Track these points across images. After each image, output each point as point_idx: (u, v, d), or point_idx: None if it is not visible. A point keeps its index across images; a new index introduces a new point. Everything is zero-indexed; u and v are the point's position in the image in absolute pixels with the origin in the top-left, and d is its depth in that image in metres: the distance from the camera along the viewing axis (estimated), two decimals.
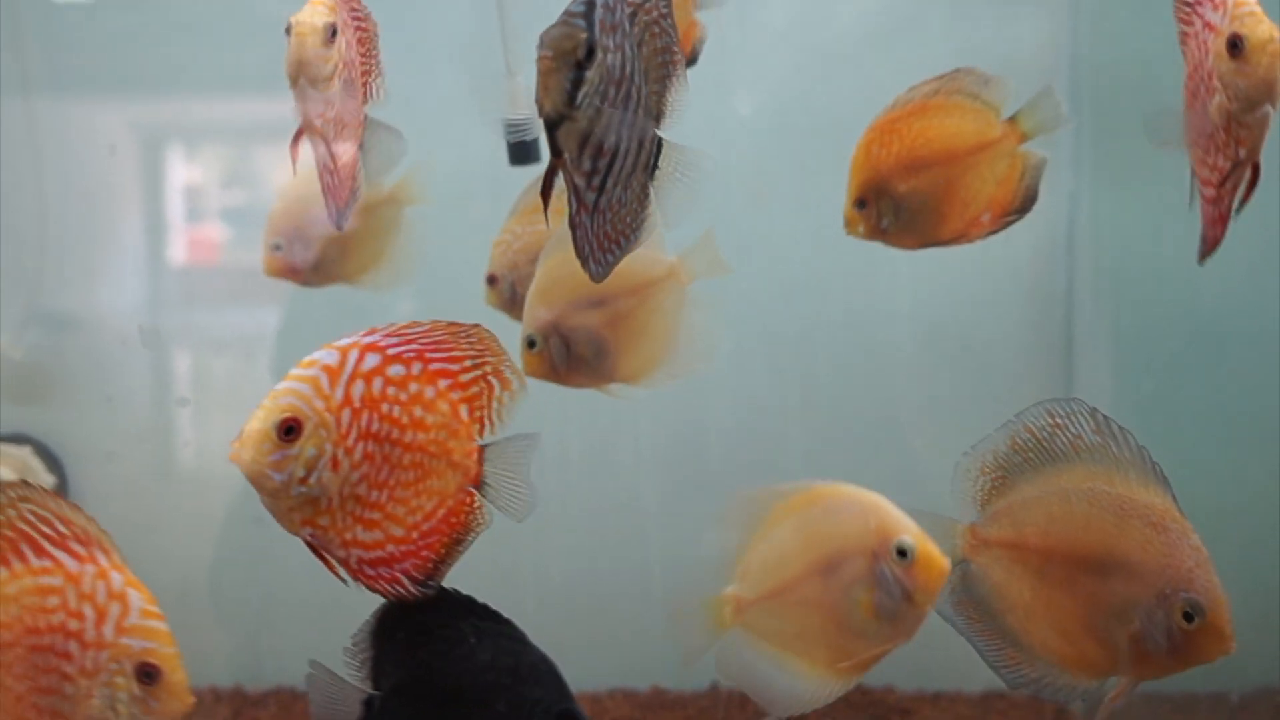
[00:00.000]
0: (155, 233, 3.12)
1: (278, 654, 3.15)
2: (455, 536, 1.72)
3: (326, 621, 3.27)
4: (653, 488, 3.15)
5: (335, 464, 1.61)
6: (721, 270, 2.15)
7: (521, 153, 2.31)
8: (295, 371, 1.62)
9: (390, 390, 1.65)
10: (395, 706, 1.73)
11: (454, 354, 1.70)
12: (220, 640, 3.10)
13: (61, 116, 3.04)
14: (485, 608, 1.76)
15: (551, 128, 1.47)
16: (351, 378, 1.63)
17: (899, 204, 2.11)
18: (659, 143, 1.64)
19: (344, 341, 1.64)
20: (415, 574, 1.70)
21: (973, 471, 1.91)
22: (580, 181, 1.54)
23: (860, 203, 2.13)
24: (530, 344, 2.09)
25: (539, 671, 1.72)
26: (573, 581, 3.15)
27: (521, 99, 2.26)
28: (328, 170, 1.91)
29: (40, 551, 1.60)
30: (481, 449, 1.71)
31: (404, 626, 1.74)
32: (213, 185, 3.38)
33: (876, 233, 2.14)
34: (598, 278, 1.68)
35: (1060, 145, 2.85)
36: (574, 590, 3.15)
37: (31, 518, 1.61)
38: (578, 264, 2.09)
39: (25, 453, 2.99)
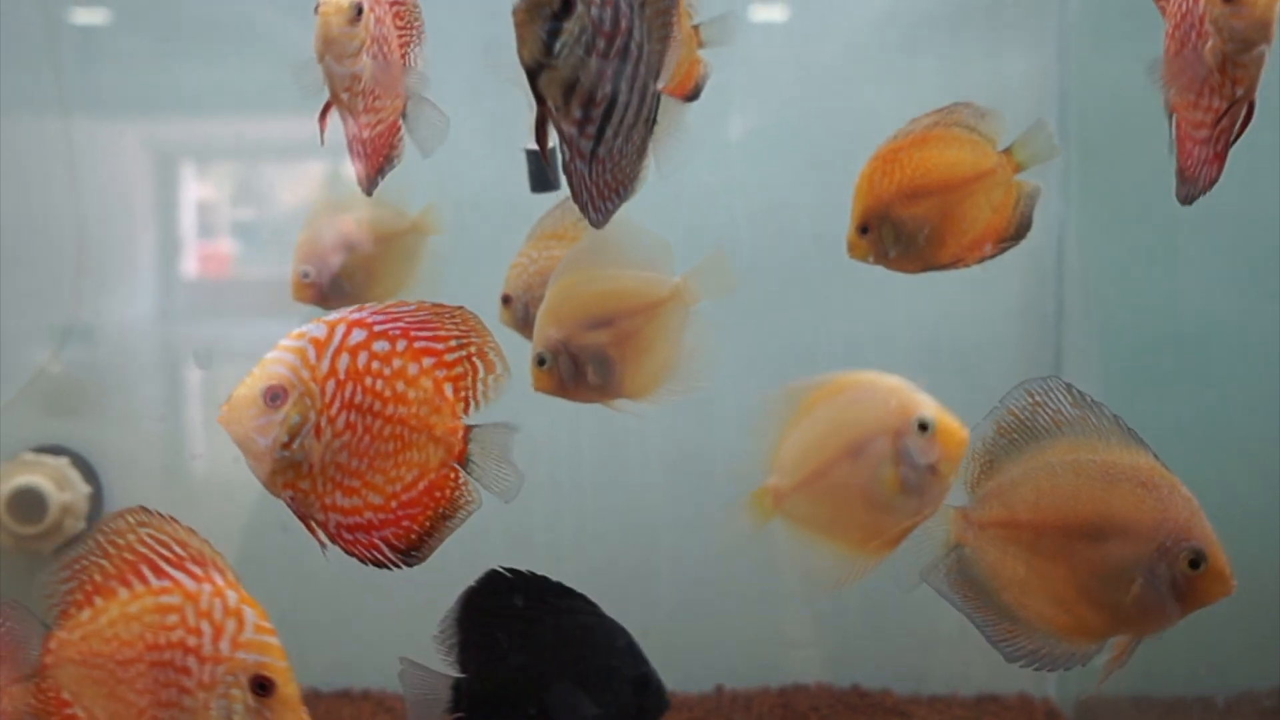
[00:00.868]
0: (170, 247, 3.19)
1: (303, 659, 3.19)
2: (440, 511, 1.77)
3: (351, 627, 3.36)
4: (661, 501, 3.22)
5: (318, 431, 1.67)
6: (727, 291, 2.20)
7: (542, 181, 2.37)
8: (284, 342, 1.69)
9: (375, 364, 1.70)
10: (482, 687, 1.83)
11: (439, 334, 1.75)
12: None
13: (85, 135, 3.11)
14: (561, 586, 1.88)
15: (531, 76, 1.52)
16: (338, 350, 1.68)
17: (900, 230, 2.16)
18: (658, 98, 1.68)
19: (332, 316, 1.71)
20: (396, 543, 1.75)
21: (964, 462, 1.94)
22: (571, 130, 1.58)
23: (863, 229, 2.17)
24: (540, 361, 2.14)
25: (615, 641, 1.80)
26: (584, 590, 3.22)
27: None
28: (357, 140, 1.96)
29: (159, 572, 1.67)
30: (468, 428, 1.76)
31: (486, 611, 1.83)
32: (224, 201, 3.44)
33: (878, 257, 2.19)
34: (598, 224, 1.70)
35: (1050, 174, 2.92)
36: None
37: (151, 541, 1.68)
38: (586, 286, 2.19)
39: (63, 463, 3.05)
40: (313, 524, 1.73)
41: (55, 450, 3.08)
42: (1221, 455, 2.74)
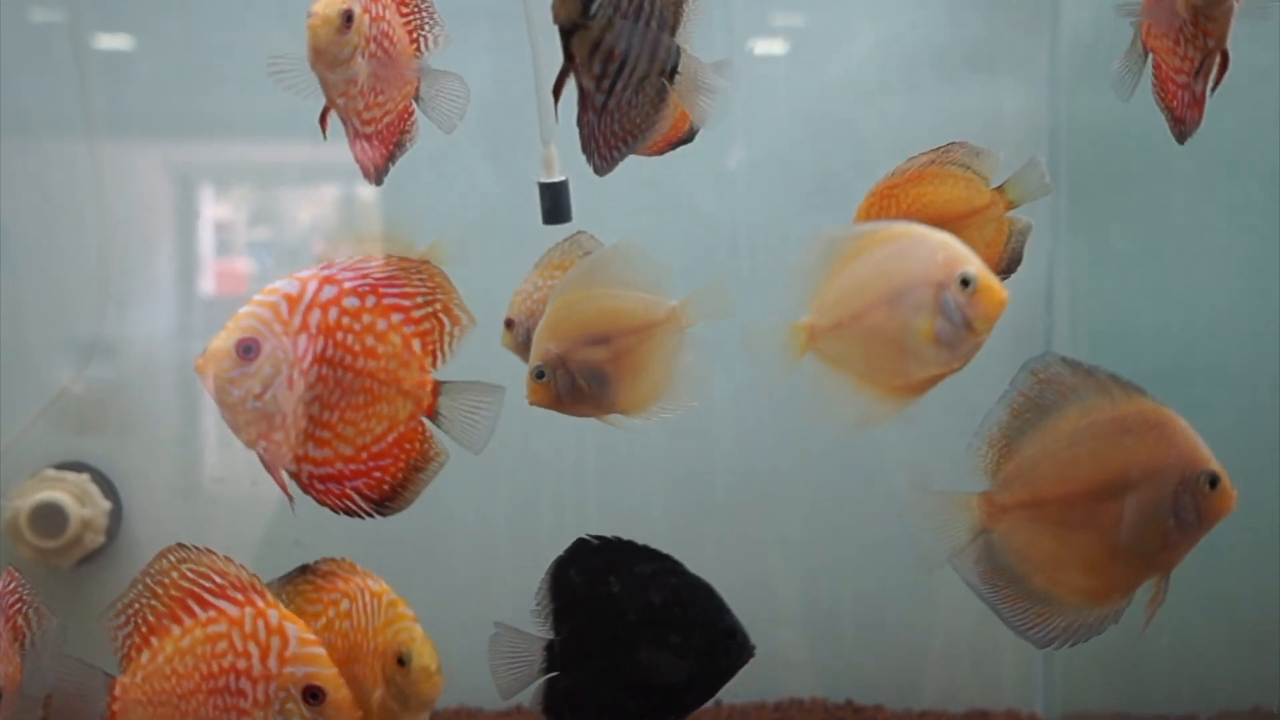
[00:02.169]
0: (189, 265, 3.25)
1: None
2: (412, 463, 1.82)
3: None
4: (662, 519, 3.28)
5: (290, 384, 1.72)
6: (723, 316, 2.23)
7: (555, 213, 2.43)
8: (258, 298, 1.75)
9: (345, 320, 1.75)
10: (574, 647, 1.92)
11: (406, 290, 1.80)
12: None
13: (110, 156, 3.18)
14: (647, 549, 1.95)
15: (565, 35, 1.58)
16: (309, 306, 1.73)
17: None
18: (678, 51, 1.71)
19: (304, 273, 1.77)
20: (368, 493, 1.80)
21: (981, 449, 1.98)
22: (589, 84, 1.64)
23: None
24: (539, 375, 2.17)
25: (700, 598, 1.87)
26: None
27: (555, 165, 2.42)
28: (358, 139, 1.94)
29: (204, 604, 1.74)
30: (437, 383, 1.82)
31: (577, 575, 1.93)
32: (241, 221, 3.51)
33: None
34: (601, 171, 1.76)
35: (1040, 208, 2.98)
36: None
37: (192, 575, 1.76)
38: (586, 304, 2.22)
39: (84, 479, 3.10)
40: (283, 476, 1.77)
41: (76, 467, 3.14)
42: None
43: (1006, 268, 2.23)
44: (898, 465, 3.22)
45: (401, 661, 1.81)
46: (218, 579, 1.74)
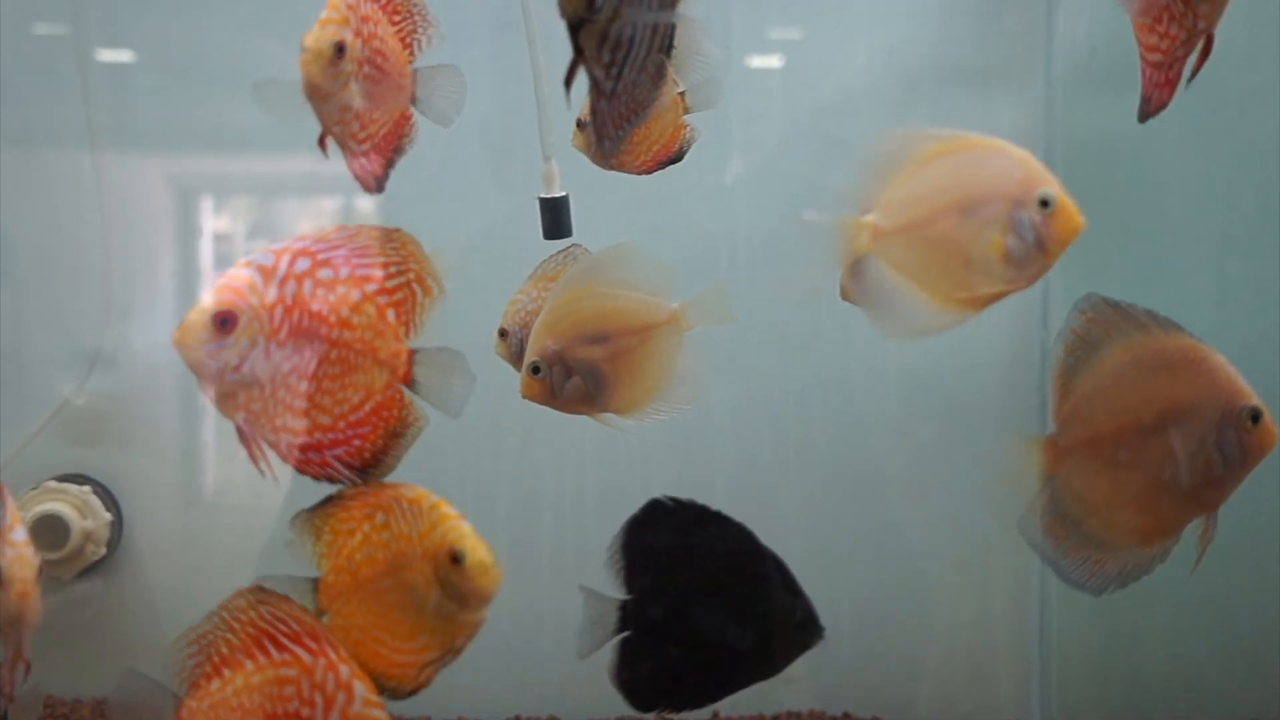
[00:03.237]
0: (190, 277, 3.26)
1: None
2: (391, 430, 1.83)
3: None
4: None
5: (268, 355, 1.74)
6: (725, 321, 2.23)
7: (555, 229, 2.45)
8: (233, 271, 1.76)
9: (320, 291, 1.76)
10: (646, 607, 1.97)
11: (380, 260, 1.83)
12: None
13: (112, 168, 3.20)
14: (719, 514, 1.97)
15: (573, 30, 1.57)
16: (284, 278, 1.74)
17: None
18: (674, 26, 1.73)
19: (278, 245, 1.79)
20: (350, 460, 1.82)
21: (1050, 391, 1.97)
22: (599, 73, 1.64)
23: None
24: (535, 370, 2.18)
25: (767, 569, 1.88)
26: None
27: (555, 181, 2.45)
28: (355, 158, 1.94)
29: (279, 646, 1.77)
30: (412, 351, 1.84)
31: (650, 536, 1.97)
32: (240, 234, 3.52)
33: None
34: (609, 153, 1.81)
35: None
36: None
37: (269, 617, 1.78)
38: (585, 302, 2.21)
39: (86, 491, 3.12)
40: (262, 446, 1.79)
41: (78, 479, 3.15)
42: None
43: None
44: (895, 479, 3.24)
45: (455, 559, 1.76)
46: (294, 624, 1.76)
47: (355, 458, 1.82)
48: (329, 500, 1.84)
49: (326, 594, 1.80)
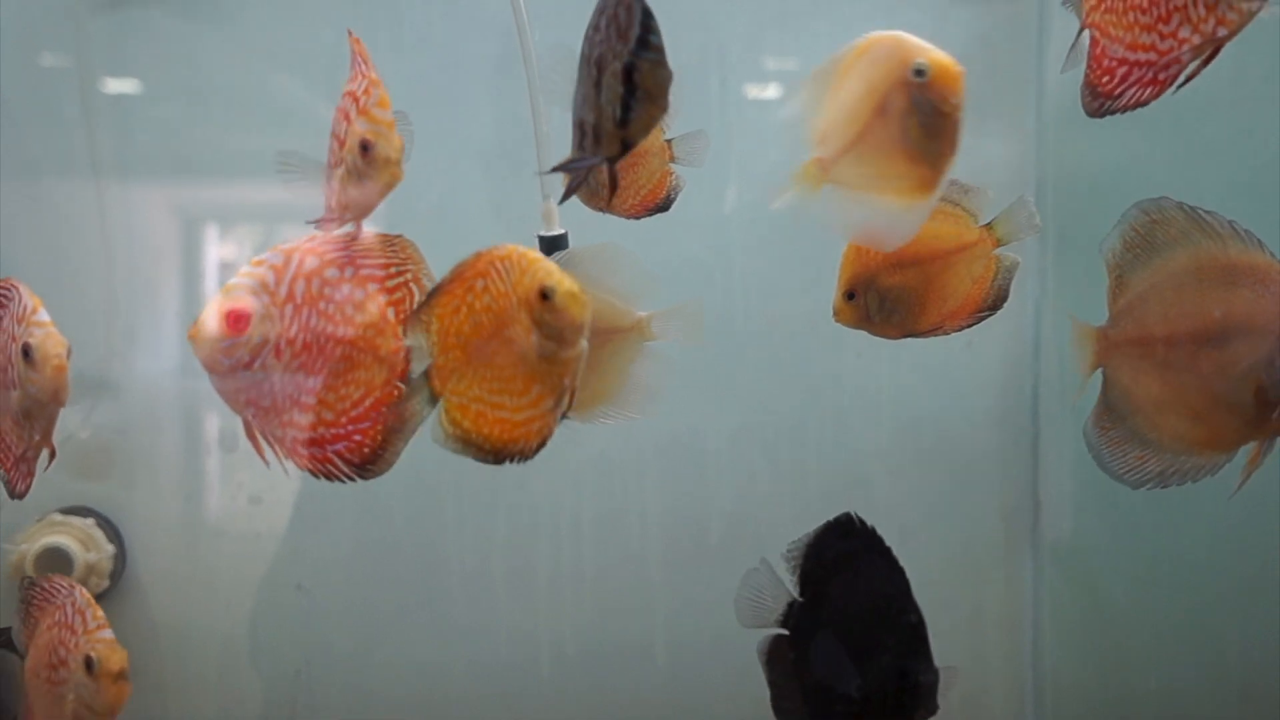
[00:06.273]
0: (194, 305, 3.28)
1: (314, 715, 3.27)
2: (389, 425, 1.86)
3: (364, 683, 3.43)
4: (658, 561, 3.33)
5: (278, 352, 1.79)
6: (693, 340, 2.23)
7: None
8: (246, 269, 1.82)
9: (326, 290, 1.82)
10: (810, 613, 1.98)
11: (381, 261, 1.87)
12: (258, 699, 3.25)
13: (116, 198, 3.22)
14: (888, 550, 1.96)
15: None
16: (294, 277, 1.80)
17: (884, 297, 2.19)
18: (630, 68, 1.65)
19: (287, 245, 1.85)
20: (349, 456, 1.85)
21: (1107, 278, 1.96)
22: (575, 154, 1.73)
23: (849, 294, 2.22)
24: None
25: (921, 627, 1.93)
26: (584, 644, 3.31)
27: (555, 219, 2.48)
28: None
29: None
30: (409, 349, 1.86)
31: (833, 548, 1.97)
32: (245, 262, 3.52)
33: (862, 322, 2.23)
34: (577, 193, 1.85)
35: (1028, 257, 2.99)
36: (585, 652, 3.32)
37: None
38: None
39: (89, 524, 3.12)
40: (269, 441, 1.84)
41: (82, 512, 3.15)
42: (1191, 516, 2.81)
43: (992, 304, 2.25)
44: (887, 509, 3.27)
45: (545, 295, 1.73)
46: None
47: (355, 453, 1.86)
48: (429, 295, 1.83)
49: (439, 377, 1.79)
